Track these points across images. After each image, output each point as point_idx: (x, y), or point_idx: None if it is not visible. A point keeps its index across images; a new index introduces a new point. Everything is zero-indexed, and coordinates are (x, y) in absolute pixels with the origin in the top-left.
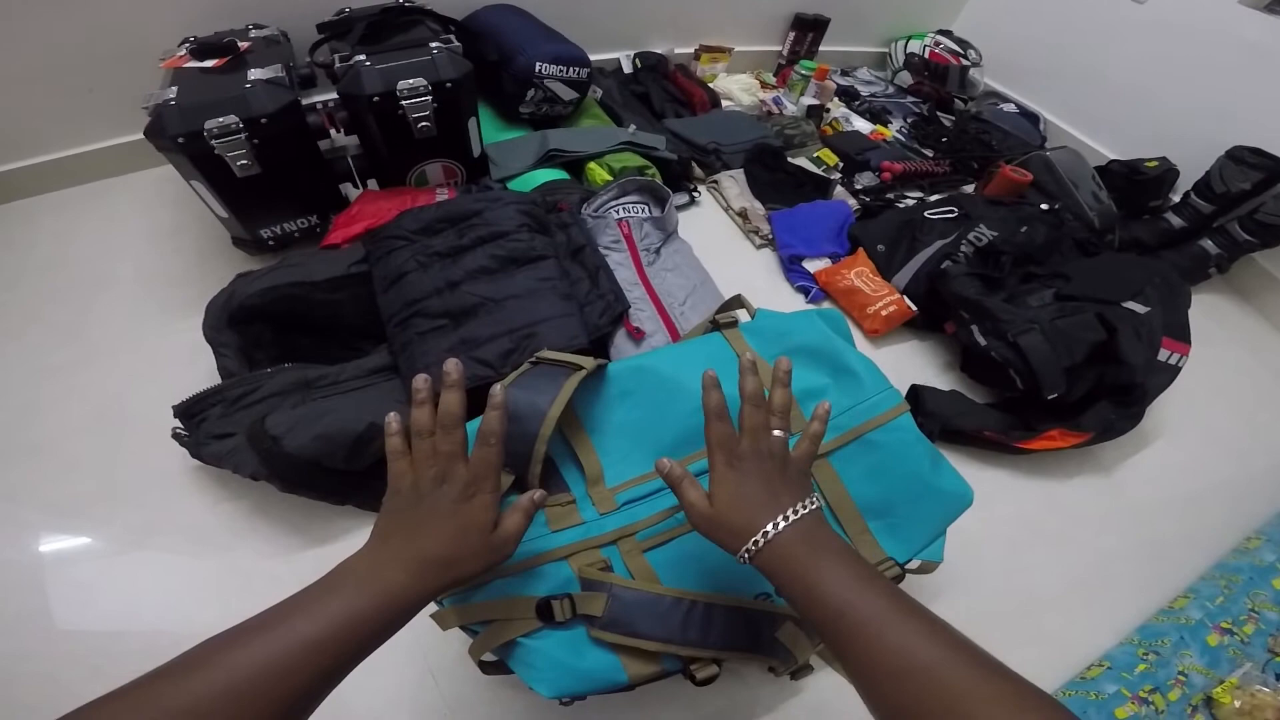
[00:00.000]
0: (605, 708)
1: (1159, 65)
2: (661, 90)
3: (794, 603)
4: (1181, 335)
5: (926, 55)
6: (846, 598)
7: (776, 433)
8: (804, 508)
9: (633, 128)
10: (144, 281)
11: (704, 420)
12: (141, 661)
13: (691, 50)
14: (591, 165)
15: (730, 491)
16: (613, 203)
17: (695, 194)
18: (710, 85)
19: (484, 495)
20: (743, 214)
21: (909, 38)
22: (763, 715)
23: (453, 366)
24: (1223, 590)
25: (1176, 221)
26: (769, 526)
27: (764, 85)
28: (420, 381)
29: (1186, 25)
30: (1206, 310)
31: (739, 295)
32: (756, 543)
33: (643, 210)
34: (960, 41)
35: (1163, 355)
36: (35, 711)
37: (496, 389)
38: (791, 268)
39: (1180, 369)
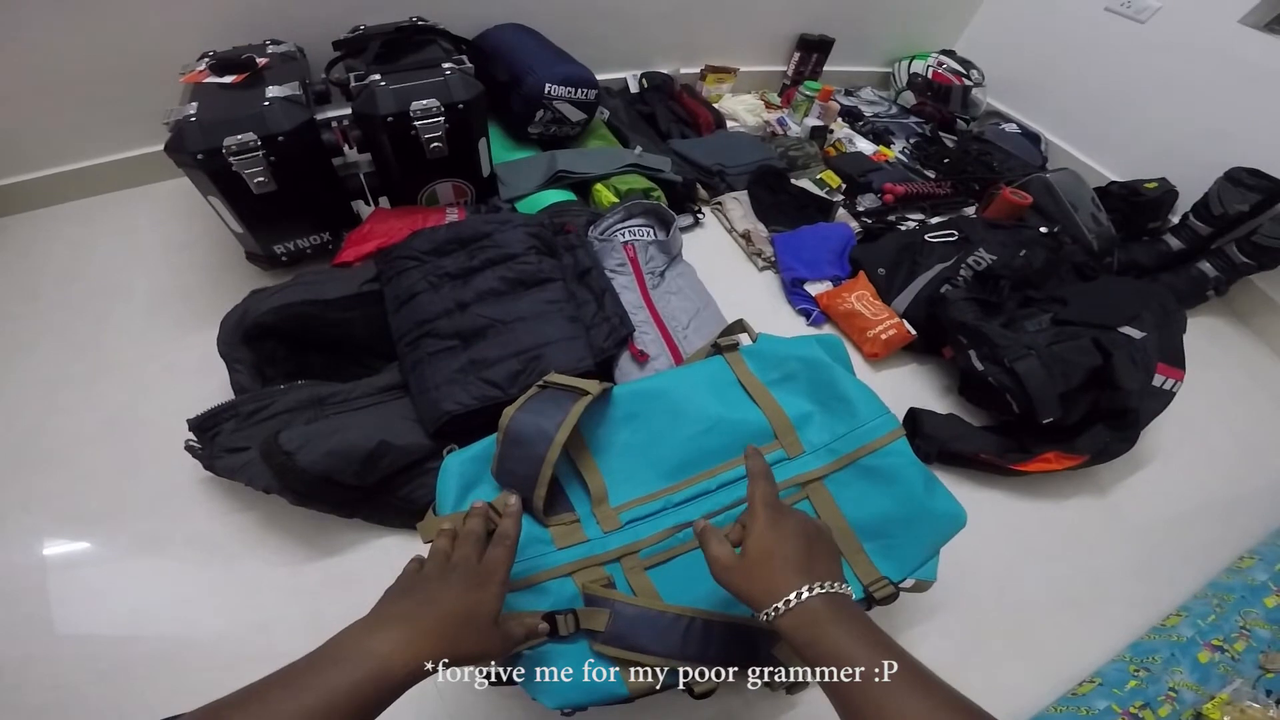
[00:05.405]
0: (603, 718)
1: (1159, 85)
2: (667, 110)
3: (811, 664)
4: (1176, 361)
5: (930, 75)
6: (866, 665)
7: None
8: (838, 587)
9: (638, 149)
10: (158, 294)
11: (750, 480)
12: (149, 666)
13: (697, 70)
14: (598, 186)
15: (768, 547)
16: (619, 225)
17: (699, 215)
18: (715, 105)
19: (492, 588)
20: (746, 236)
21: (912, 58)
22: None
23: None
24: (1214, 609)
25: (1175, 244)
26: (803, 590)
27: (769, 106)
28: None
29: (1187, 45)
30: (1204, 333)
31: (741, 320)
32: (788, 602)
33: (648, 233)
34: (963, 61)
35: (1157, 380)
36: (43, 714)
37: (512, 499)
38: (793, 290)
39: (1174, 394)
